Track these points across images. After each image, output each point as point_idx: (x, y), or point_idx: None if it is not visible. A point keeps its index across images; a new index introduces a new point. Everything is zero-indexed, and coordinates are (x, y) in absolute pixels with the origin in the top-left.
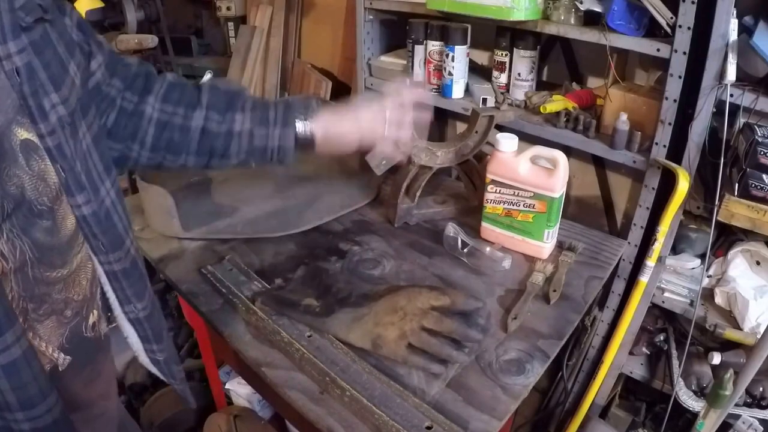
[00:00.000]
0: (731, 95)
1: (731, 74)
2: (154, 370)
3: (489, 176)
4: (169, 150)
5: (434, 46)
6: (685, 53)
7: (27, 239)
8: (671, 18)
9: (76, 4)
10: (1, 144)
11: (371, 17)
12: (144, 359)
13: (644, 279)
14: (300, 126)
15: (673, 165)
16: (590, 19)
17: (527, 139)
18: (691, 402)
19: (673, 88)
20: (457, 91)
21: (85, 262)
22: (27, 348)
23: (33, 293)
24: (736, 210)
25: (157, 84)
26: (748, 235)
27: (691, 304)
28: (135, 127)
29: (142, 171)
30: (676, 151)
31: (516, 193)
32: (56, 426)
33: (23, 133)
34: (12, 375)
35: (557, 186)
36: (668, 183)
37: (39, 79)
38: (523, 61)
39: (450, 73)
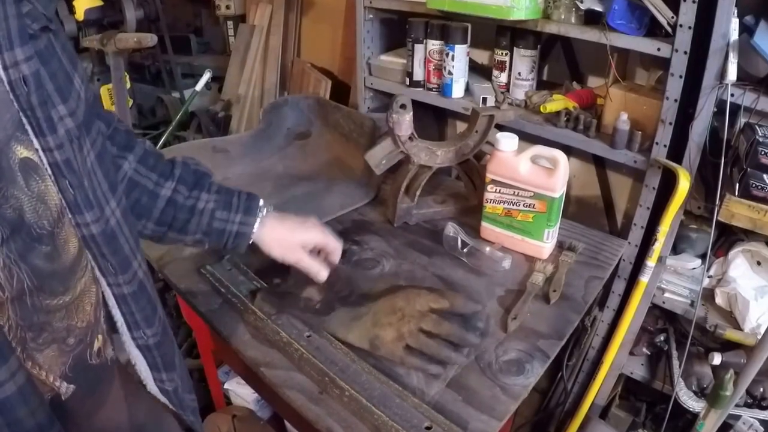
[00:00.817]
0: (732, 95)
1: (732, 74)
2: (163, 399)
3: (489, 176)
4: (133, 211)
5: (434, 45)
6: (685, 53)
7: (25, 266)
8: (672, 17)
9: (75, 3)
10: None
11: (371, 16)
12: (152, 388)
13: (644, 279)
14: (259, 217)
15: (674, 165)
16: (591, 19)
17: (527, 138)
18: (692, 402)
19: (674, 87)
20: (457, 91)
21: (89, 286)
22: (23, 383)
23: (32, 322)
24: (736, 210)
25: (138, 146)
26: (748, 235)
27: (692, 304)
28: None
29: None
30: (676, 151)
31: (516, 193)
32: None
33: (23, 151)
34: (6, 411)
35: (557, 186)
36: (669, 183)
37: (47, 90)
38: (523, 61)
39: (450, 73)
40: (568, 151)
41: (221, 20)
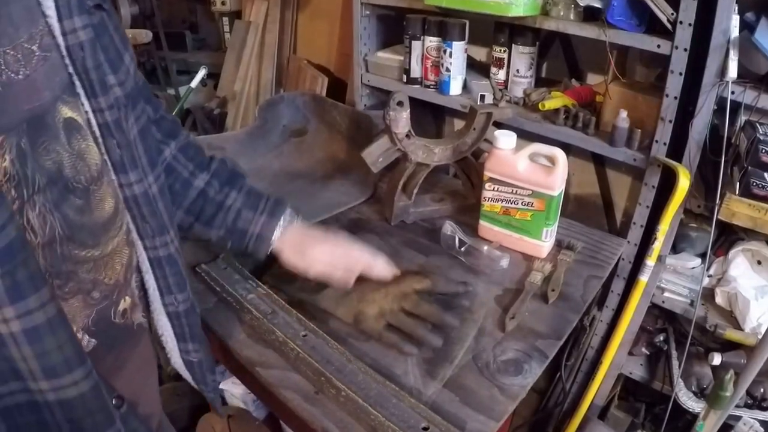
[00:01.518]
0: (732, 92)
1: (732, 71)
2: (186, 374)
3: (487, 174)
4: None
5: (432, 42)
6: (685, 50)
7: (58, 215)
8: (672, 14)
9: None
10: (43, 119)
11: (368, 12)
12: (177, 361)
13: (644, 278)
14: (283, 223)
15: (674, 163)
16: (590, 15)
17: (526, 136)
18: (691, 403)
19: (674, 85)
20: (455, 88)
21: (122, 247)
22: (53, 316)
23: (60, 270)
24: (737, 209)
25: (181, 136)
26: (749, 234)
27: (692, 303)
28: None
29: None
30: (676, 149)
31: (514, 191)
32: (83, 400)
33: (67, 112)
34: (34, 341)
35: (556, 184)
36: (668, 181)
37: (101, 57)
38: (521, 58)
39: (448, 70)
40: (567, 149)
41: (217, 16)
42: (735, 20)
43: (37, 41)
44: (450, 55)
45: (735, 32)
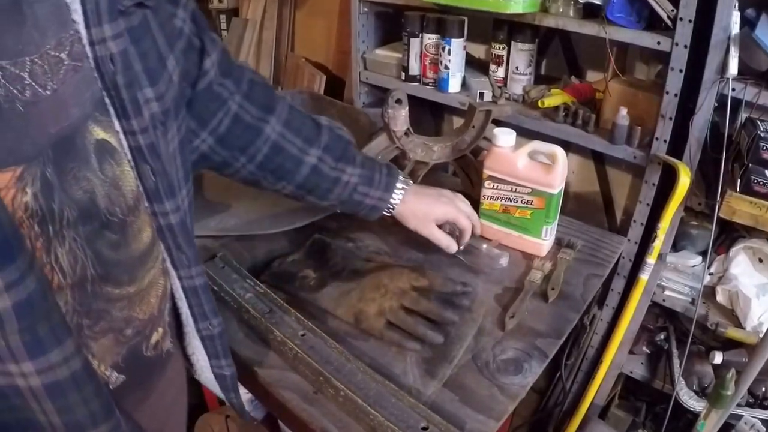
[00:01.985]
0: (733, 89)
1: (733, 68)
2: (215, 387)
3: (486, 172)
4: (275, 174)
5: (430, 39)
6: (686, 46)
7: (90, 252)
8: (672, 10)
9: None
10: (72, 141)
11: (366, 10)
12: (207, 376)
13: (644, 277)
14: (397, 194)
15: (674, 160)
16: (589, 12)
17: (525, 134)
18: (692, 402)
19: (674, 82)
20: (454, 85)
21: (158, 278)
22: (78, 369)
23: (90, 309)
24: (738, 206)
25: (279, 105)
26: (750, 232)
27: (692, 302)
28: (248, 142)
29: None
30: (676, 147)
31: (514, 189)
32: None
33: (99, 132)
34: (57, 397)
35: (556, 182)
36: (669, 179)
37: (135, 70)
38: (520, 55)
39: (446, 67)
40: (567, 146)
41: (213, 14)
42: (735, 17)
43: (66, 48)
44: (449, 53)
45: (735, 29)
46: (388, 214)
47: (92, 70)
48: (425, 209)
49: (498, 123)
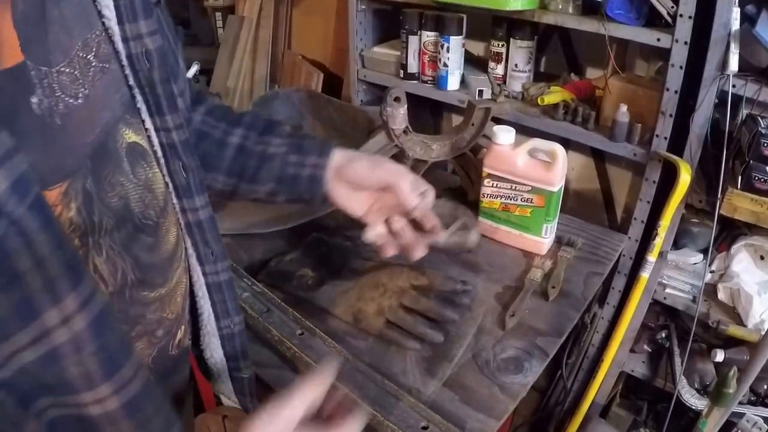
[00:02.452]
0: (734, 86)
1: (733, 64)
2: (230, 392)
3: (486, 170)
4: (202, 164)
5: (429, 36)
6: (686, 43)
7: (129, 258)
8: (672, 7)
9: None
10: (105, 146)
11: (364, 7)
12: (224, 381)
13: (645, 275)
14: (334, 159)
15: (675, 157)
16: (589, 9)
17: (525, 131)
18: (694, 400)
19: (674, 78)
20: (453, 83)
21: (181, 277)
22: (146, 376)
23: (127, 314)
24: (739, 203)
25: (207, 100)
26: (751, 229)
27: (694, 300)
28: None
29: None
30: (677, 144)
31: (513, 187)
32: None
33: (131, 135)
34: (134, 413)
35: (556, 180)
36: (669, 176)
37: (168, 66)
38: (520, 52)
39: (445, 65)
40: (567, 144)
41: (209, 11)
42: (735, 13)
43: (93, 49)
44: (447, 50)
45: (736, 25)
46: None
47: (120, 70)
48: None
49: (497, 121)
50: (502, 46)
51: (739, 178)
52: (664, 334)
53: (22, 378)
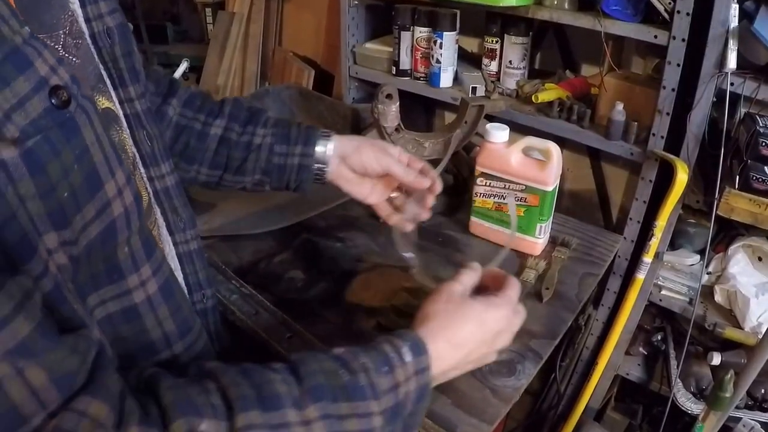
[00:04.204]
0: (732, 84)
1: (732, 62)
2: None
3: (479, 169)
4: (183, 157)
5: (422, 32)
6: (683, 40)
7: None
8: (669, 3)
9: None
10: None
11: (356, 2)
12: None
13: (641, 276)
14: (321, 146)
15: (672, 157)
16: (585, 5)
17: (519, 129)
18: (690, 404)
19: (672, 76)
20: (446, 80)
21: None
22: (169, 269)
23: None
24: (736, 204)
25: (181, 90)
26: (749, 230)
27: (690, 302)
28: None
29: None
30: (674, 143)
31: (507, 186)
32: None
33: (104, 102)
34: (168, 297)
35: (550, 179)
36: (666, 175)
37: (128, 41)
38: (514, 49)
39: (438, 61)
40: (562, 142)
41: (199, 7)
42: (734, 9)
43: (67, 28)
44: (440, 46)
45: (734, 22)
46: (321, 178)
47: (89, 46)
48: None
49: (491, 118)
50: (496, 42)
51: (737, 177)
52: (659, 337)
53: (86, 259)
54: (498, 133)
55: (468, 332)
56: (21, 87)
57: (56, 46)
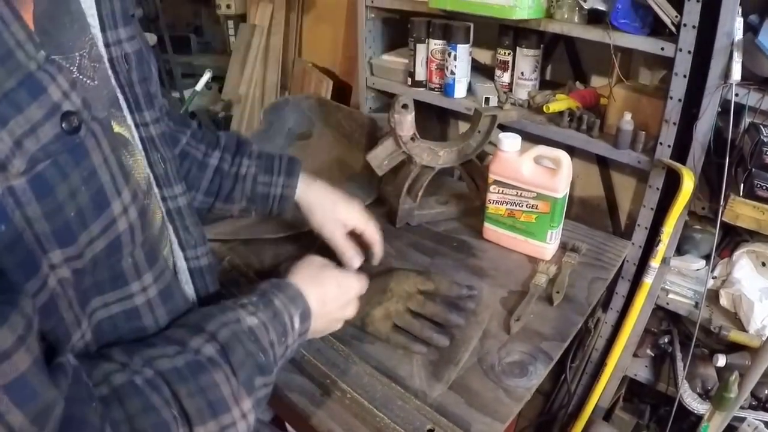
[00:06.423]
0: (736, 94)
1: (736, 73)
2: None
3: (492, 176)
4: (185, 182)
5: (436, 44)
6: (689, 52)
7: None
8: (676, 16)
9: None
10: None
11: (372, 16)
12: None
13: (648, 280)
14: (302, 179)
15: (678, 165)
16: (594, 18)
17: (530, 138)
18: (696, 405)
19: (678, 87)
20: (460, 91)
21: (168, 258)
22: (172, 277)
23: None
24: (741, 210)
25: (192, 124)
26: (753, 236)
27: (696, 305)
28: None
29: None
30: (680, 151)
31: (519, 194)
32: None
33: (116, 127)
34: (168, 299)
35: (560, 186)
36: (673, 183)
37: (145, 68)
38: (526, 60)
39: (452, 72)
40: (572, 151)
41: (222, 19)
42: (739, 22)
43: (87, 51)
44: (455, 58)
45: (739, 34)
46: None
47: (107, 70)
48: (332, 206)
49: (503, 128)
50: (509, 54)
51: (742, 185)
52: (666, 339)
53: (90, 269)
54: (510, 142)
55: (332, 294)
56: (34, 114)
57: (71, 68)
